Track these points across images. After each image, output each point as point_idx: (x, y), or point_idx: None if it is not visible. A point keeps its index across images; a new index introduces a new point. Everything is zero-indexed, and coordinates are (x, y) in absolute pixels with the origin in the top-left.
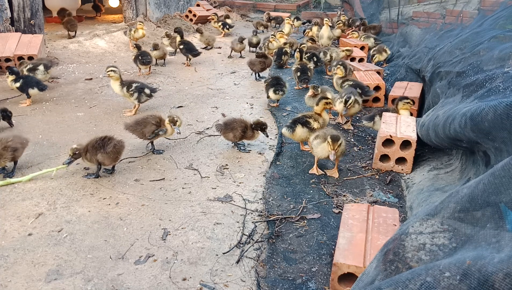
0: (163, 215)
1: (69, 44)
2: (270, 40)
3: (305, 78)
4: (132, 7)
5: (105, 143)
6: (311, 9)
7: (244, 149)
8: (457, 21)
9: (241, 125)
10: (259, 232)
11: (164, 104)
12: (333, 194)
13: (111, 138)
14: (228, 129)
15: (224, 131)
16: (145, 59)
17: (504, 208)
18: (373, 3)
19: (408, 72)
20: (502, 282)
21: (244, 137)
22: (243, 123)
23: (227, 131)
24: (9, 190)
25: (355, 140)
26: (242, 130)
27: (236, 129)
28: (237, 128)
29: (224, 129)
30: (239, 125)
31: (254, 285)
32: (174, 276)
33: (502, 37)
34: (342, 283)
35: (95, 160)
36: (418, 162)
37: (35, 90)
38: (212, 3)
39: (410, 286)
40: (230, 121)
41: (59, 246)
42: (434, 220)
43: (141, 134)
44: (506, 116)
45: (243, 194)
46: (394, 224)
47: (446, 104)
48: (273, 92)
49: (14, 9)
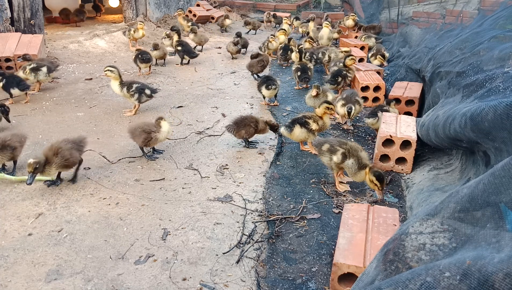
0: (163, 215)
1: (69, 44)
2: (270, 40)
3: (305, 77)
4: (132, 7)
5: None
6: (311, 9)
7: (254, 145)
8: (457, 21)
9: (252, 121)
10: (259, 232)
11: (164, 104)
12: (333, 194)
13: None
14: (240, 127)
15: (236, 130)
16: (145, 57)
17: (504, 208)
18: (373, 3)
19: (408, 72)
20: (502, 282)
21: (256, 132)
22: (253, 118)
23: (239, 129)
24: (9, 190)
25: (355, 140)
26: (255, 125)
27: (249, 125)
28: (250, 124)
29: (237, 128)
30: (251, 121)
31: (254, 285)
32: (174, 276)
33: (502, 37)
34: (342, 283)
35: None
36: (418, 162)
37: (16, 90)
38: (212, 3)
39: (410, 286)
40: (240, 119)
41: (59, 246)
42: (434, 220)
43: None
44: (506, 116)
45: (243, 194)
46: (394, 224)
47: (446, 104)
48: (265, 88)
49: (14, 9)
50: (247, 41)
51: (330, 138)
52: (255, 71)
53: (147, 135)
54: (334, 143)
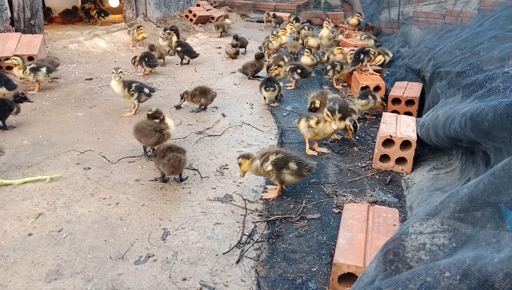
0: (163, 215)
1: (69, 44)
2: (270, 40)
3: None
4: (132, 7)
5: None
6: (311, 9)
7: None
8: (457, 21)
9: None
10: (259, 232)
11: (164, 104)
12: (333, 194)
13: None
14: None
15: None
16: (152, 62)
17: (504, 208)
18: (373, 3)
19: (408, 72)
20: (502, 282)
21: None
22: None
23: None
24: (9, 190)
25: (355, 140)
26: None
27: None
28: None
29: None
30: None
31: (254, 285)
32: (174, 276)
33: (502, 37)
34: (342, 283)
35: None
36: (418, 162)
37: (4, 89)
38: (212, 3)
39: (410, 286)
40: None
41: (59, 246)
42: (434, 220)
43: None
44: (506, 116)
45: (243, 194)
46: (394, 224)
47: (446, 104)
48: (265, 90)
49: (14, 9)
50: (245, 41)
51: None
52: (249, 74)
53: (160, 134)
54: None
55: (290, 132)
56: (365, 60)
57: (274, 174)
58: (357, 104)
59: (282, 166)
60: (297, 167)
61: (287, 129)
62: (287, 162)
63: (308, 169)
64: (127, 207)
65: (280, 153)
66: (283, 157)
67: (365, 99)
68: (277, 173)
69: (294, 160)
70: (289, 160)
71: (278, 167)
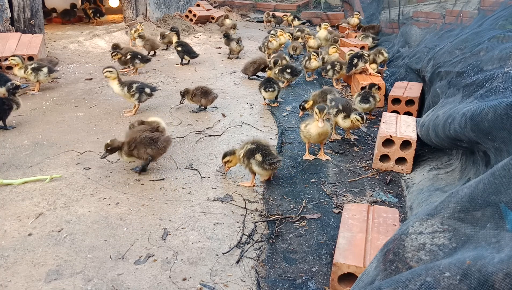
0: (163, 215)
1: (69, 44)
2: (270, 39)
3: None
4: (132, 7)
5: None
6: (311, 9)
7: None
8: (457, 21)
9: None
10: (259, 232)
11: (164, 104)
12: (333, 194)
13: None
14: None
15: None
16: (145, 57)
17: (504, 208)
18: (373, 3)
19: (408, 72)
20: (502, 282)
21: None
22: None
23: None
24: (9, 190)
25: (355, 140)
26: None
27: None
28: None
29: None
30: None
31: (254, 285)
32: (174, 276)
33: (502, 37)
34: (342, 283)
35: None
36: (418, 162)
37: (3, 89)
38: (212, 3)
39: (410, 286)
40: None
41: (59, 246)
42: (434, 220)
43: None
44: (506, 116)
45: (243, 194)
46: (394, 224)
47: (446, 104)
48: (264, 90)
49: (14, 9)
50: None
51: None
52: (250, 74)
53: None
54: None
55: (290, 132)
56: (358, 65)
57: (245, 163)
58: (359, 107)
59: (250, 156)
60: (262, 159)
61: (287, 129)
62: (255, 153)
63: (270, 164)
64: (127, 207)
65: (255, 144)
66: (255, 148)
67: (367, 103)
68: (247, 162)
69: (262, 152)
70: (257, 152)
71: (247, 156)
